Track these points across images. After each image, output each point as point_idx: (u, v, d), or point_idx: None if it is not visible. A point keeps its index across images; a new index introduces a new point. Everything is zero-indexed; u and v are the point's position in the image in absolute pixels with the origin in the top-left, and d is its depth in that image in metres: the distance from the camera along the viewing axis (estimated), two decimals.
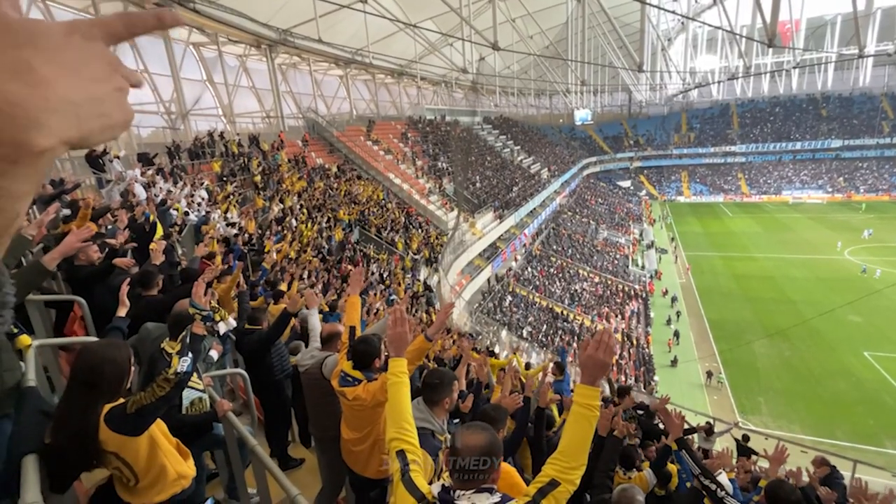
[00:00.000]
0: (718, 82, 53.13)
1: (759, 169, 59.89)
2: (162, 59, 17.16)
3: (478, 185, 32.00)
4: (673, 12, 36.01)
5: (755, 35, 32.91)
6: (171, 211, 9.05)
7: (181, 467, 1.75)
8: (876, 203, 48.48)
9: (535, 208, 36.36)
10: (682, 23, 49.48)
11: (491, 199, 30.35)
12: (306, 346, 4.81)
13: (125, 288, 2.87)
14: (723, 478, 3.44)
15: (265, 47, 22.02)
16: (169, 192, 9.80)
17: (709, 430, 7.27)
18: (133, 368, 1.71)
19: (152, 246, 4.15)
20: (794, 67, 49.35)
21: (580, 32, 29.57)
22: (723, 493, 2.60)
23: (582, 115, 62.87)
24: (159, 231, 6.15)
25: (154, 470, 1.64)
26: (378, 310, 10.66)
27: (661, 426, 5.05)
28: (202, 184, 12.98)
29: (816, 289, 27.43)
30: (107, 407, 1.61)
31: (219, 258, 6.18)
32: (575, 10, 29.23)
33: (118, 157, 11.18)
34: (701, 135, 65.38)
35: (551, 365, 6.63)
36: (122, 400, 1.63)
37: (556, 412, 5.00)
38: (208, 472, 3.24)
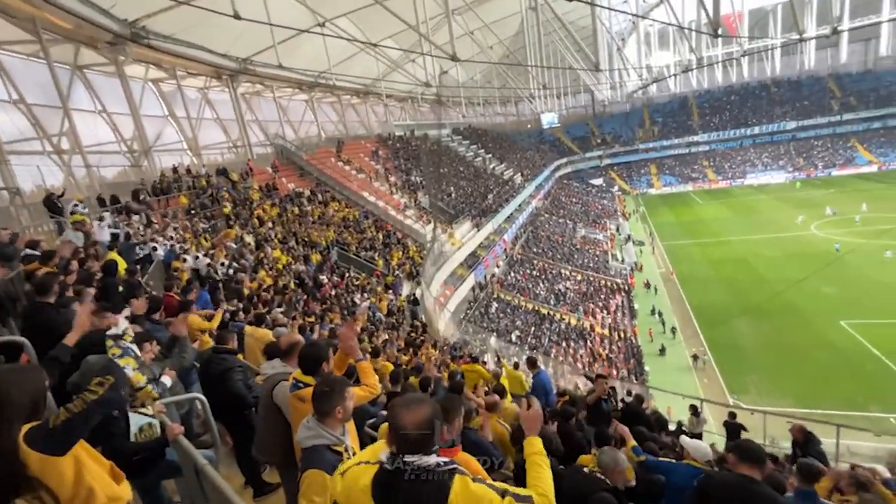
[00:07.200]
0: (674, 76, 55.08)
1: (722, 156, 61.98)
2: (120, 98, 16.84)
3: (453, 195, 32.19)
4: (623, 12, 37.37)
5: (702, 28, 34.25)
6: (137, 248, 8.84)
7: (112, 489, 1.63)
8: (836, 178, 50.64)
9: (511, 213, 36.73)
10: (633, 22, 51.29)
11: (467, 209, 30.53)
12: None
13: (85, 309, 2.80)
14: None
15: (226, 77, 21.93)
16: (137, 229, 9.56)
17: (695, 412, 7.35)
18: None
19: None
20: (743, 56, 51.54)
21: (537, 39, 30.35)
22: None
23: (548, 119, 64.21)
24: (122, 265, 5.98)
25: (81, 495, 1.52)
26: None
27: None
28: (171, 219, 12.73)
29: (787, 265, 28.25)
30: (25, 427, 1.48)
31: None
32: (529, 18, 29.99)
33: (80, 202, 10.82)
34: (664, 128, 67.51)
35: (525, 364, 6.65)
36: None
37: None
38: None
